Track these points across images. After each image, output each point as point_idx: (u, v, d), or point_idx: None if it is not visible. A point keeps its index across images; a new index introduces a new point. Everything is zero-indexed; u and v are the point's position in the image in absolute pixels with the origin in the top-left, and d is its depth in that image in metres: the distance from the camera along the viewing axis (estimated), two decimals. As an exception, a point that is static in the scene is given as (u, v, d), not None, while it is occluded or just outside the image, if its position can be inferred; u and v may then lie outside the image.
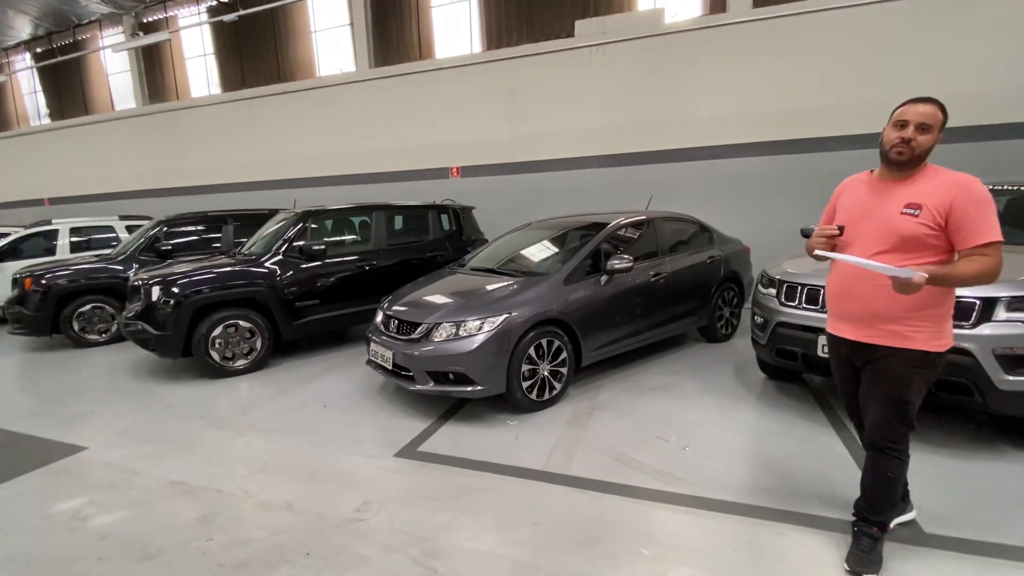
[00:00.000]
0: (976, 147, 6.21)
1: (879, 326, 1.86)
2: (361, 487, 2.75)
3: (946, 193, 1.74)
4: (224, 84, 11.64)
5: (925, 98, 1.82)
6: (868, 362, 1.94)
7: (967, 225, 1.70)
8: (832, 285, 1.98)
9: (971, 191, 1.72)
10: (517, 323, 3.52)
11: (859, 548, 2.02)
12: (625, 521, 2.39)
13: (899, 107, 1.87)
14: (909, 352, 1.83)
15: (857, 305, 1.90)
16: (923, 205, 1.76)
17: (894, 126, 1.83)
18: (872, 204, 1.88)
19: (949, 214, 1.72)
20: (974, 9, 6.18)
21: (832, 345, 2.11)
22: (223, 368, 4.65)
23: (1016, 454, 2.84)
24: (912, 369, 1.85)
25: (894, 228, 1.79)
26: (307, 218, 5.31)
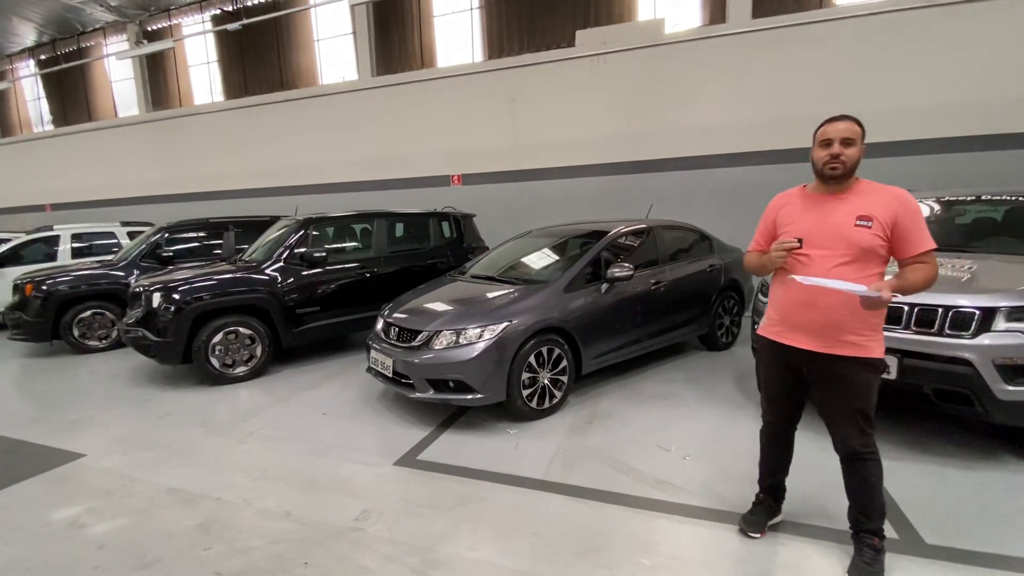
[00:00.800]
0: (970, 157, 6.25)
1: (841, 338, 1.89)
2: (360, 496, 2.74)
3: (889, 206, 1.85)
4: (227, 91, 11.73)
5: (841, 116, 1.93)
6: (825, 374, 1.96)
7: (911, 236, 1.83)
8: (792, 295, 1.95)
9: (911, 204, 1.85)
10: (517, 331, 3.52)
11: (863, 560, 2.01)
12: (625, 531, 2.38)
13: (819, 127, 1.97)
14: (866, 360, 1.90)
15: (820, 316, 1.91)
16: (873, 217, 1.84)
17: (820, 146, 1.94)
18: (820, 217, 1.94)
19: (894, 226, 1.84)
20: (970, 21, 6.23)
21: (780, 354, 2.07)
22: (223, 375, 4.64)
23: (1017, 464, 2.83)
24: (871, 376, 1.93)
25: (852, 240, 1.85)
26: (308, 225, 5.32)
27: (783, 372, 2.11)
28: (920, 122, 6.48)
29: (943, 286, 2.91)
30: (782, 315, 2.05)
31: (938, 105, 6.41)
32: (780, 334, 2.06)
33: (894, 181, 5.29)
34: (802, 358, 2.00)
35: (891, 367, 2.86)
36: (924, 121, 6.46)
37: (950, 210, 4.13)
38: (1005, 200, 3.91)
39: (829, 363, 1.93)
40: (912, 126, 6.50)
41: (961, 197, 4.07)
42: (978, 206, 4.08)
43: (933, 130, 6.43)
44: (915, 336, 2.83)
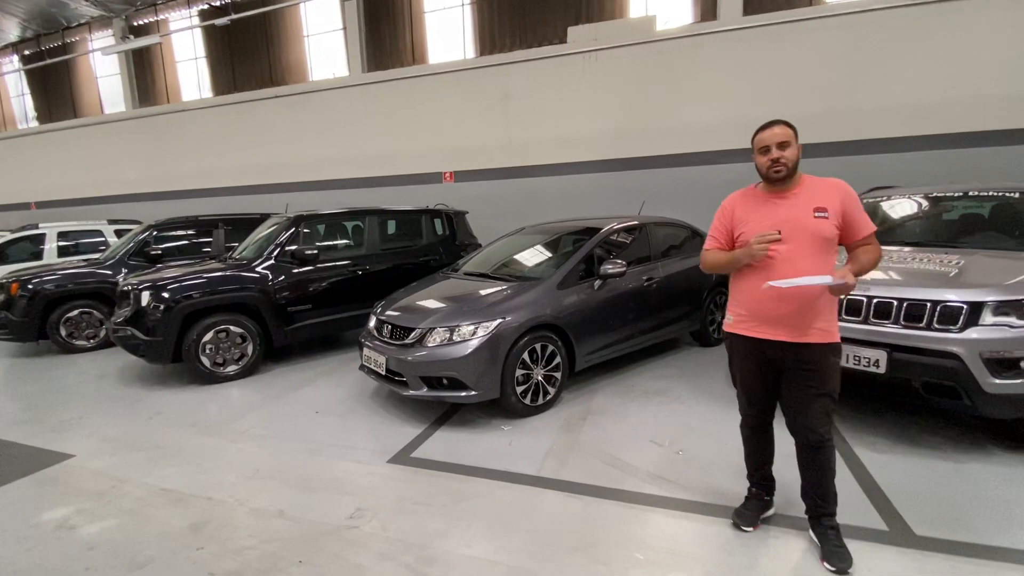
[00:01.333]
0: (958, 153, 6.33)
1: (812, 325, 1.98)
2: (354, 494, 2.72)
3: (837, 196, 1.98)
4: (216, 87, 11.59)
5: (772, 122, 2.03)
6: (797, 363, 2.01)
7: (857, 221, 1.99)
8: (768, 291, 1.95)
9: (851, 193, 2.01)
10: (511, 328, 3.52)
11: (832, 544, 2.06)
12: (619, 526, 2.39)
13: (755, 135, 2.06)
14: (832, 345, 2.00)
15: (796, 308, 1.97)
16: (827, 208, 1.95)
17: (760, 152, 2.03)
18: (780, 212, 2.01)
19: (843, 214, 1.97)
20: (959, 18, 6.30)
21: (753, 349, 2.11)
22: (214, 374, 4.60)
23: (1004, 456, 2.87)
24: (836, 360, 2.03)
25: (816, 231, 1.94)
26: (299, 223, 5.28)
27: (760, 366, 2.14)
28: (909, 119, 6.54)
29: (932, 281, 2.95)
30: (753, 311, 2.09)
31: (927, 102, 6.47)
32: (754, 329, 2.09)
33: (883, 178, 5.34)
34: (777, 350, 2.05)
35: (881, 361, 2.90)
36: (913, 118, 6.53)
37: (938, 206, 4.19)
38: (991, 196, 3.97)
39: (802, 352, 2.00)
40: (901, 123, 6.57)
41: (949, 193, 4.12)
42: (965, 202, 4.14)
43: (922, 127, 6.50)
44: (904, 331, 2.86)
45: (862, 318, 3.01)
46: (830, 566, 2.02)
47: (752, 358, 2.15)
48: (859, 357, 2.97)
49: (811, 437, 2.04)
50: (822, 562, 2.05)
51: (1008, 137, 6.19)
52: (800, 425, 2.07)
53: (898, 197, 4.39)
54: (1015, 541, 2.17)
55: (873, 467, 2.81)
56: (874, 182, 5.02)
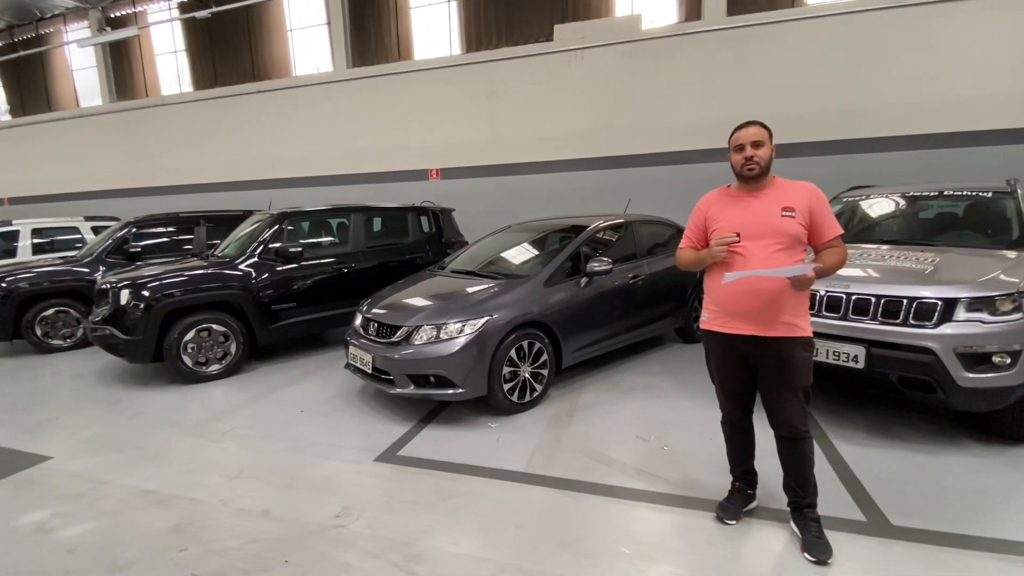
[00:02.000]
0: (937, 153, 6.49)
1: (779, 319, 2.04)
2: (341, 493, 2.71)
3: (805, 198, 2.05)
4: (196, 82, 11.37)
5: (748, 122, 2.12)
6: (768, 357, 2.07)
7: (824, 222, 2.05)
8: (735, 286, 2.04)
9: (821, 196, 2.09)
10: (498, 325, 3.53)
11: (812, 535, 2.11)
12: (605, 521, 2.42)
13: (732, 135, 2.14)
14: (801, 339, 2.06)
15: (763, 302, 2.03)
16: (795, 208, 2.03)
17: (735, 151, 2.11)
18: (750, 211, 2.09)
19: (810, 215, 2.04)
20: (940, 21, 6.45)
21: (727, 345, 2.17)
22: (196, 373, 4.53)
23: (977, 447, 2.96)
24: (806, 354, 2.07)
25: (782, 229, 2.02)
26: (283, 220, 5.22)
27: (735, 362, 2.20)
28: (889, 119, 6.69)
29: (908, 278, 3.03)
30: (723, 306, 2.15)
31: (906, 103, 6.62)
32: (725, 324, 2.15)
33: (863, 177, 5.44)
34: (747, 344, 2.10)
35: (859, 357, 2.97)
36: (893, 118, 6.67)
37: (914, 205, 4.29)
38: (965, 195, 4.08)
39: (770, 346, 2.05)
40: (881, 123, 6.71)
41: (925, 192, 4.23)
42: (940, 201, 4.25)
43: (901, 127, 6.64)
44: (881, 327, 2.93)
45: (841, 314, 3.07)
46: (811, 557, 2.07)
47: (726, 354, 2.21)
48: (839, 353, 3.04)
49: (789, 430, 2.10)
50: (803, 553, 2.10)
51: (985, 138, 6.36)
52: (778, 419, 2.12)
53: (876, 196, 4.49)
54: (986, 529, 2.24)
55: (852, 459, 2.88)
56: (855, 181, 5.12)
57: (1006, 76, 6.27)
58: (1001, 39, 6.26)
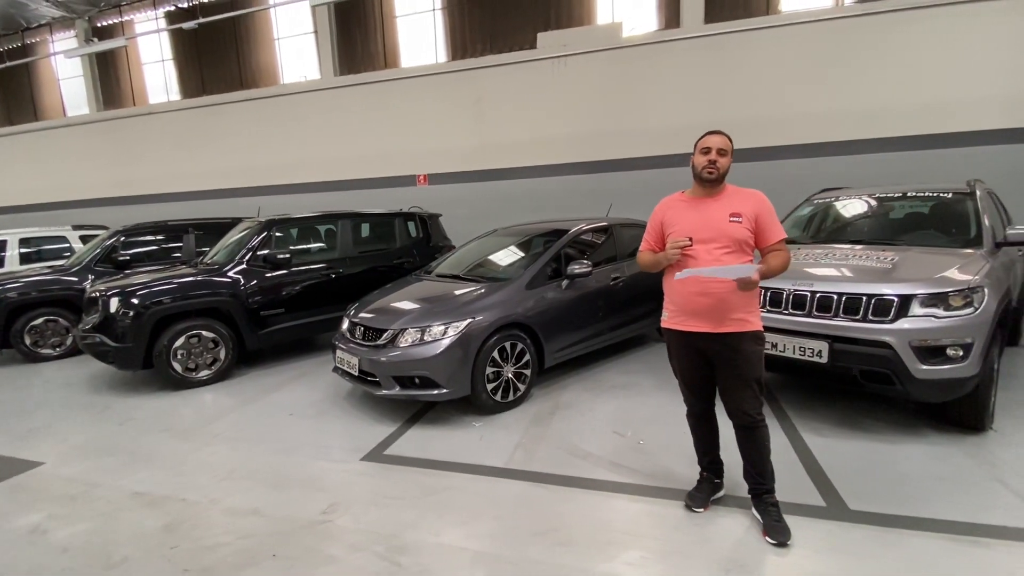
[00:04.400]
0: (905, 156, 6.71)
1: (730, 316, 2.19)
2: (328, 491, 2.81)
3: (751, 204, 2.21)
4: (184, 90, 11.41)
5: (717, 131, 2.26)
6: (722, 351, 2.22)
7: (769, 227, 2.20)
8: (689, 287, 2.21)
9: (766, 202, 2.23)
10: (481, 327, 3.64)
11: (772, 519, 2.25)
12: (581, 511, 2.54)
13: (700, 138, 2.27)
14: (752, 333, 2.21)
15: (714, 301, 2.18)
16: (742, 214, 2.18)
17: (701, 152, 2.23)
18: (702, 216, 2.23)
19: (756, 220, 2.19)
20: (907, 29, 6.68)
21: (685, 342, 2.32)
22: (186, 379, 4.60)
23: (935, 437, 3.12)
24: (757, 347, 2.22)
25: (729, 233, 2.17)
26: (271, 227, 5.30)
27: (693, 357, 2.35)
28: (859, 123, 6.90)
29: (868, 276, 3.19)
30: (680, 306, 2.30)
31: (875, 107, 6.84)
32: (682, 323, 2.30)
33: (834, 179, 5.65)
34: (703, 340, 2.25)
35: (823, 352, 3.12)
36: (863, 122, 6.89)
37: (880, 205, 4.47)
38: (928, 196, 4.26)
39: (723, 341, 2.20)
40: (851, 127, 6.92)
41: (890, 194, 4.41)
42: (905, 202, 4.43)
43: (871, 131, 6.86)
44: (843, 323, 3.08)
45: (806, 311, 3.22)
46: (771, 539, 2.20)
47: (685, 350, 2.35)
48: (804, 348, 3.19)
49: (744, 419, 2.24)
50: (764, 536, 2.23)
51: (949, 140, 6.59)
52: (734, 408, 2.27)
53: (845, 197, 4.66)
54: (937, 512, 2.38)
55: (816, 449, 3.02)
56: (827, 183, 5.30)
57: (970, 81, 6.51)
58: (965, 46, 6.50)
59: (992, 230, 3.63)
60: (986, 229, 3.61)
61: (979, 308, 2.89)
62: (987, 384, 3.05)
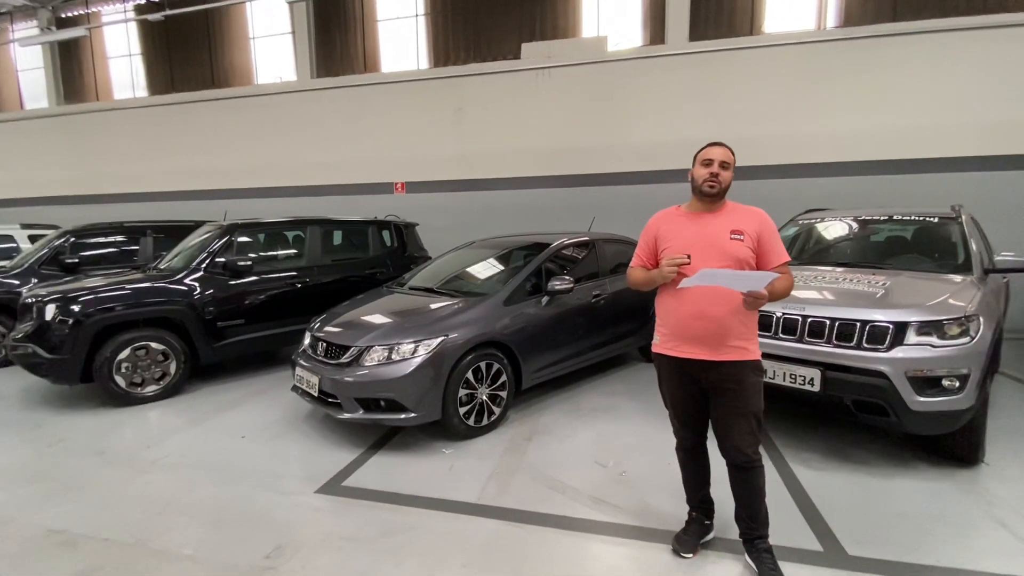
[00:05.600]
0: (887, 179, 6.76)
1: (728, 343, 1.99)
2: (275, 529, 2.50)
3: (754, 222, 2.04)
4: (152, 87, 10.93)
5: (720, 142, 2.10)
6: (719, 381, 2.02)
7: (773, 249, 2.04)
8: (685, 308, 2.01)
9: (770, 222, 2.08)
10: (455, 345, 3.39)
11: (768, 568, 2.05)
12: (558, 556, 2.29)
13: (701, 150, 2.11)
14: (752, 363, 2.02)
15: (712, 325, 1.98)
16: (744, 232, 2.01)
17: (702, 164, 2.07)
18: (700, 232, 2.05)
19: (759, 239, 2.02)
20: (891, 53, 6.76)
21: (678, 369, 2.11)
22: (130, 395, 4.20)
23: (928, 471, 2.98)
24: (758, 378, 2.04)
25: (730, 252, 1.99)
26: (234, 231, 4.97)
27: (687, 386, 2.13)
28: (841, 145, 6.93)
29: (860, 301, 3.05)
30: (674, 329, 2.09)
31: (857, 130, 6.88)
32: (676, 348, 2.09)
33: (818, 200, 5.50)
34: (699, 369, 2.04)
35: (815, 380, 2.96)
36: (845, 145, 6.92)
37: (866, 228, 4.40)
38: (913, 220, 4.20)
39: (722, 370, 2.00)
40: (834, 149, 6.95)
41: (876, 216, 4.34)
42: (890, 225, 4.37)
43: (853, 153, 6.89)
44: (836, 349, 2.93)
45: (798, 337, 3.07)
46: (766, 590, 1.99)
47: (678, 378, 2.14)
48: (795, 376, 3.02)
49: (739, 458, 2.04)
50: (761, 586, 2.02)
51: (932, 165, 6.66)
52: (728, 446, 2.06)
53: (831, 219, 4.59)
54: (939, 558, 2.22)
55: (807, 483, 2.85)
56: (808, 204, 5.24)
57: (946, 108, 6.60)
58: (942, 74, 6.60)
59: (980, 256, 3.56)
60: (974, 255, 3.54)
61: (975, 337, 2.78)
62: (981, 417, 2.93)
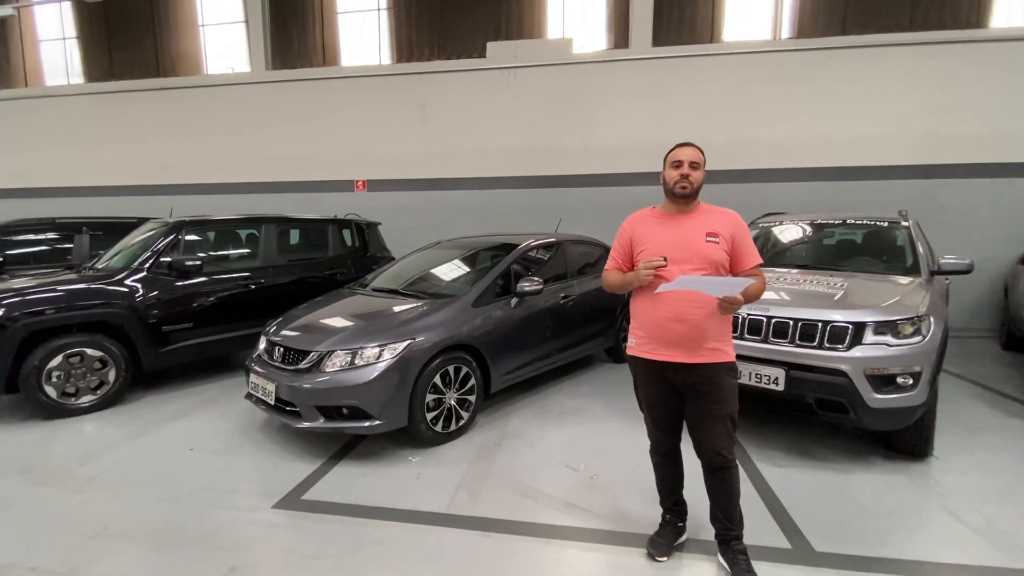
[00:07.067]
0: (839, 185, 7.08)
1: (705, 346, 1.99)
2: (229, 549, 2.32)
3: (728, 224, 2.04)
4: (88, 73, 10.17)
5: (689, 143, 2.09)
6: (696, 384, 2.01)
7: (746, 251, 2.04)
8: (662, 311, 2.00)
9: (743, 224, 2.08)
10: (422, 349, 3.27)
11: (741, 569, 2.06)
12: (533, 566, 2.22)
13: (671, 151, 2.10)
14: (727, 364, 2.02)
15: (690, 328, 1.97)
16: (719, 234, 2.01)
17: (672, 166, 2.06)
18: (676, 234, 2.04)
19: (733, 242, 2.02)
20: (844, 64, 7.07)
21: (654, 372, 2.09)
22: (62, 406, 3.85)
23: (883, 465, 3.10)
24: (732, 380, 2.04)
25: (705, 254, 1.98)
26: (181, 229, 4.65)
27: (663, 389, 2.11)
28: (796, 152, 7.21)
29: (821, 301, 3.14)
30: (651, 332, 2.06)
31: (811, 137, 7.17)
32: (653, 351, 2.07)
33: (775, 205, 5.65)
34: (675, 371, 2.03)
35: (780, 379, 3.02)
36: (799, 151, 7.20)
37: (821, 231, 4.57)
38: (864, 224, 4.39)
39: (698, 372, 2.00)
40: (789, 155, 7.22)
41: (830, 220, 4.51)
42: (843, 229, 4.55)
43: (807, 160, 7.18)
44: (799, 349, 3.01)
45: (762, 337, 3.12)
46: (740, 592, 1.99)
47: (654, 381, 2.12)
48: (760, 375, 3.08)
49: (716, 459, 2.03)
50: (735, 588, 2.02)
51: (877, 172, 7.02)
52: (704, 447, 2.05)
53: (788, 222, 4.74)
54: (901, 550, 2.29)
55: (774, 481, 2.90)
56: (763, 209, 5.41)
57: (893, 118, 6.98)
58: (888, 85, 6.97)
59: (927, 258, 3.75)
60: (922, 258, 3.72)
61: (927, 336, 2.90)
62: (931, 412, 3.07)
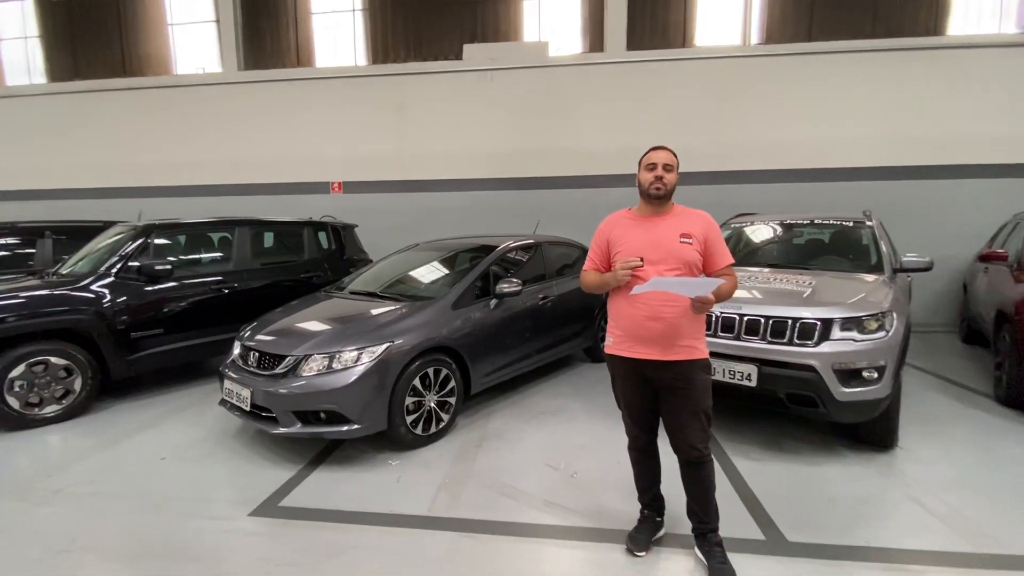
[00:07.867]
0: (809, 187, 7.29)
1: (679, 343, 2.04)
2: (204, 560, 2.27)
3: (700, 225, 2.11)
4: (51, 73, 9.83)
5: (663, 146, 2.16)
6: (671, 380, 2.07)
7: (717, 251, 2.11)
8: (638, 310, 2.05)
9: (716, 226, 2.15)
10: (401, 351, 3.26)
11: (717, 561, 2.11)
12: (513, 564, 2.24)
13: (645, 154, 2.16)
14: (701, 361, 2.08)
15: (666, 327, 2.03)
16: (692, 235, 2.07)
17: (647, 168, 2.12)
18: (651, 235, 2.10)
19: (706, 243, 2.08)
20: (812, 68, 7.29)
21: (631, 369, 2.14)
22: (25, 417, 3.71)
23: (851, 456, 3.21)
24: (707, 376, 2.10)
25: (679, 254, 2.04)
26: (150, 232, 4.53)
27: (640, 386, 2.16)
28: (767, 154, 7.40)
29: (791, 299, 3.24)
30: (627, 330, 2.11)
31: (782, 140, 7.37)
32: (630, 349, 2.12)
33: (747, 206, 5.78)
34: (651, 368, 2.08)
35: (752, 375, 3.10)
36: (771, 153, 7.39)
37: (790, 231, 4.70)
38: (831, 224, 4.54)
39: (672, 369, 2.05)
40: (761, 157, 7.41)
41: (798, 220, 4.65)
42: (811, 229, 4.70)
43: (778, 162, 7.38)
44: (770, 346, 3.09)
45: (735, 334, 3.21)
46: (718, 584, 2.04)
47: (631, 378, 2.17)
48: (734, 372, 3.16)
49: (691, 454, 2.08)
50: (711, 580, 2.07)
51: (842, 174, 7.25)
52: (680, 442, 2.10)
53: (759, 223, 4.87)
54: (869, 538, 2.37)
55: (747, 474, 2.98)
56: (734, 210, 5.54)
57: (857, 121, 7.23)
58: (853, 90, 7.22)
59: (890, 257, 3.90)
60: (886, 256, 3.87)
61: (890, 331, 3.02)
62: (895, 405, 3.19)
